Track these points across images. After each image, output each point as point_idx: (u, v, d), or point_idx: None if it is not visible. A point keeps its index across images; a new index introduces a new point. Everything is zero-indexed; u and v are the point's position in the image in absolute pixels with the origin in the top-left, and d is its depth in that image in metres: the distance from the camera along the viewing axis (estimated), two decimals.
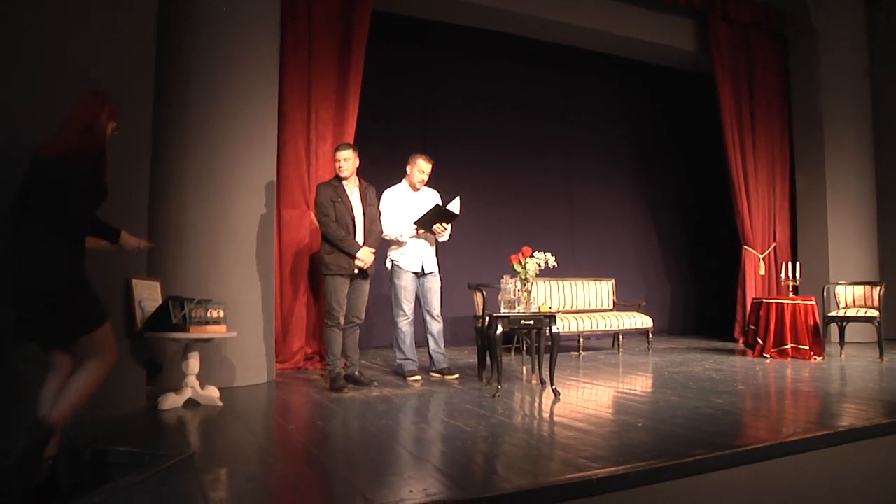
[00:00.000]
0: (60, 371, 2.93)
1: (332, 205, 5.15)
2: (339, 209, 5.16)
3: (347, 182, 5.27)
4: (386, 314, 8.21)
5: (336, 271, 5.12)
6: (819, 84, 8.98)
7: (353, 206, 5.23)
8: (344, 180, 5.25)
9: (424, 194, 5.87)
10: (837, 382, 5.32)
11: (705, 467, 2.85)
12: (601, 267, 9.29)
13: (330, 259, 5.13)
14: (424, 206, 5.68)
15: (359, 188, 5.32)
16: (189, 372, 4.48)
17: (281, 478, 2.87)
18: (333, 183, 5.28)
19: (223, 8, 5.32)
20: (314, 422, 4.11)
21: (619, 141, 10.35)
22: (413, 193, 5.81)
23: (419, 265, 5.72)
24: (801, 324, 6.66)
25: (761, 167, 8.97)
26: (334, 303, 5.13)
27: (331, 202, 5.15)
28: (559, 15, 7.97)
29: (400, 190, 5.82)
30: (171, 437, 3.66)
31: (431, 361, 5.79)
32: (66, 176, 2.85)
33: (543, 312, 4.93)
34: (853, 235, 8.84)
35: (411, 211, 5.67)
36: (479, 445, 3.30)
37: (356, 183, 5.32)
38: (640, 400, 4.64)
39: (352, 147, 5.30)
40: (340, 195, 5.20)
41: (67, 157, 2.87)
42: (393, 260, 5.75)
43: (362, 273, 5.22)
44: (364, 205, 5.30)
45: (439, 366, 5.75)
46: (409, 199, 5.78)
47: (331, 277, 5.14)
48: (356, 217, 5.23)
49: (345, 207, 5.18)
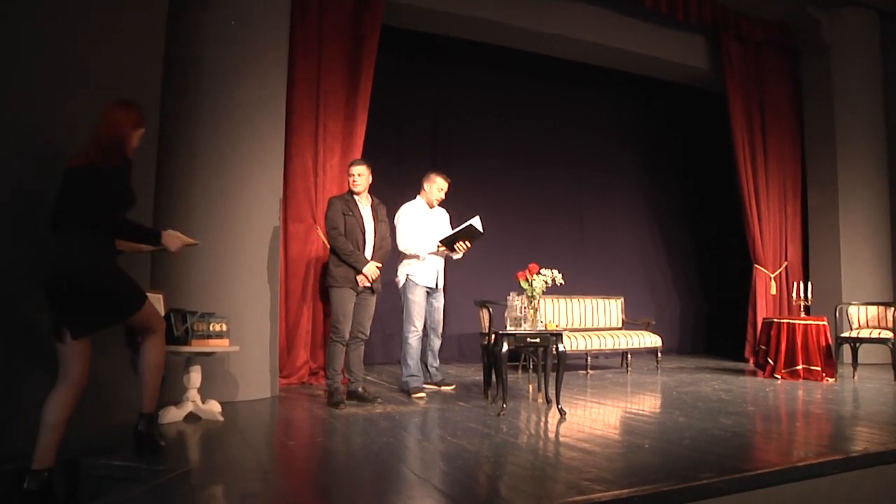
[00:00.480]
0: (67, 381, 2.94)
1: (343, 218, 5.13)
2: (349, 223, 5.14)
3: (360, 197, 5.25)
4: (388, 330, 8.22)
5: (343, 284, 5.08)
6: (832, 101, 8.90)
7: (365, 221, 5.21)
8: (356, 195, 5.24)
9: (438, 213, 5.98)
10: (850, 405, 5.22)
11: (713, 491, 2.77)
12: (610, 284, 9.20)
13: (338, 272, 5.10)
14: (438, 223, 5.87)
15: (371, 204, 5.30)
16: (190, 386, 4.43)
17: (279, 496, 2.82)
18: (346, 197, 5.27)
19: (232, 21, 5.32)
20: (315, 438, 4.05)
21: (629, 157, 10.29)
22: (428, 210, 5.91)
23: (433, 281, 5.79)
24: (812, 344, 6.56)
25: (773, 185, 8.89)
26: (340, 315, 5.09)
27: (342, 216, 5.13)
28: (570, 30, 7.94)
29: (417, 206, 5.89)
30: (169, 451, 3.61)
31: (429, 375, 6.00)
32: (96, 182, 3.06)
33: (550, 330, 4.87)
34: (866, 255, 8.71)
35: (427, 228, 5.77)
36: (482, 465, 3.23)
37: (368, 199, 5.31)
38: (648, 420, 4.56)
39: (366, 163, 5.30)
40: (352, 209, 5.18)
41: (99, 165, 3.08)
42: (408, 274, 5.74)
43: (369, 288, 5.19)
44: (375, 221, 5.27)
45: (436, 379, 6.02)
46: (426, 215, 5.87)
47: (338, 290, 5.10)
48: (367, 232, 5.20)
49: (356, 221, 5.16)
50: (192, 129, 5.24)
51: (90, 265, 3.04)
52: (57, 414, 2.87)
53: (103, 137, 3.17)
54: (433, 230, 5.77)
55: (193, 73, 5.27)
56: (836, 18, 8.88)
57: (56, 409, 2.87)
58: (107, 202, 3.11)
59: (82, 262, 3.01)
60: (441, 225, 5.90)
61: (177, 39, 5.13)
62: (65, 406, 2.90)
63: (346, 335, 5.10)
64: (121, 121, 3.23)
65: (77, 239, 3.03)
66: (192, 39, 5.28)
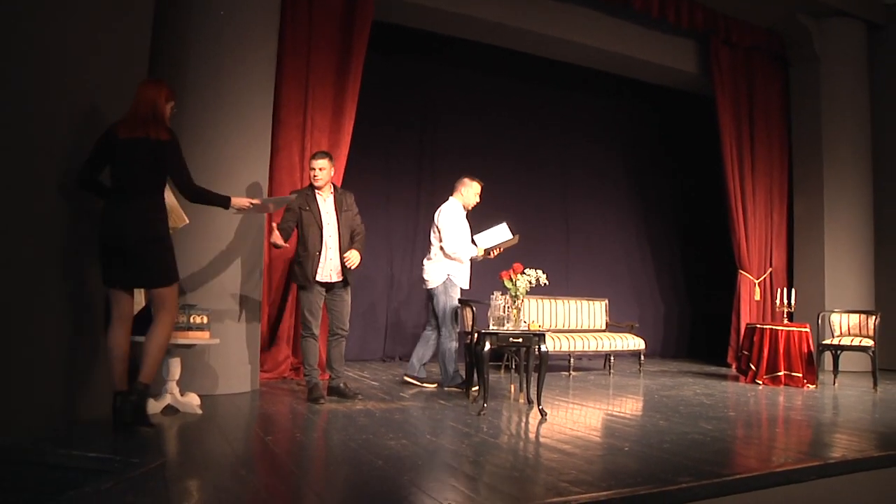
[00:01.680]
0: (123, 320, 3.72)
1: (300, 213, 5.03)
2: (305, 218, 5.04)
3: (321, 191, 5.16)
4: (374, 326, 8.19)
5: (303, 281, 5.03)
6: (820, 110, 8.94)
7: (323, 216, 5.09)
8: (318, 190, 5.14)
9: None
10: (830, 412, 5.24)
11: (691, 495, 2.77)
12: (595, 286, 9.20)
13: (297, 270, 5.06)
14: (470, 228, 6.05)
15: (333, 195, 5.20)
16: (169, 378, 4.37)
17: (252, 491, 2.78)
18: (306, 191, 5.18)
19: (220, 12, 5.27)
20: (294, 434, 4.02)
21: (616, 160, 10.30)
22: (464, 213, 6.04)
23: (468, 282, 5.92)
24: (794, 351, 6.58)
25: (759, 191, 8.92)
26: (306, 311, 5.04)
27: (298, 209, 5.04)
28: (559, 31, 7.92)
29: (458, 209, 6.00)
30: (145, 443, 3.56)
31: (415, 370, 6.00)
32: (149, 152, 3.63)
33: (532, 330, 4.85)
34: (850, 263, 8.77)
35: (468, 232, 5.97)
36: (461, 465, 3.21)
37: (331, 190, 5.20)
38: (628, 423, 4.56)
39: (328, 156, 5.21)
40: (309, 204, 5.08)
41: (148, 137, 3.62)
42: (449, 274, 5.82)
43: (343, 282, 5.13)
44: (338, 212, 5.16)
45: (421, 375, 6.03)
46: (464, 219, 6.02)
47: (300, 287, 5.08)
48: (327, 226, 5.09)
49: (312, 217, 5.05)
50: (177, 119, 5.15)
51: (151, 232, 3.66)
52: (122, 346, 3.68)
53: (143, 112, 3.67)
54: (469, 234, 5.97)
55: (180, 63, 5.21)
56: (825, 28, 8.92)
57: (119, 342, 3.68)
58: (184, 171, 3.77)
59: (143, 227, 3.62)
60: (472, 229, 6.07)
61: (164, 31, 5.07)
62: (126, 338, 3.72)
63: (314, 330, 5.04)
64: (155, 96, 3.74)
65: (139, 209, 3.62)
66: (179, 29, 5.22)
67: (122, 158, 3.61)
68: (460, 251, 5.80)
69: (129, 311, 3.78)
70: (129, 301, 3.78)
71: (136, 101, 3.72)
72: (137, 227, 3.61)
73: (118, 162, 3.63)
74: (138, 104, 3.71)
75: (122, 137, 3.60)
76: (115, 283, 3.71)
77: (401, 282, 8.52)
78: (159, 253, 3.71)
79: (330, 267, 5.07)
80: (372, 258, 7.96)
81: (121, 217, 3.60)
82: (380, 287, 8.39)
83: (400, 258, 8.54)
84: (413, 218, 8.60)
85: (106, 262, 3.66)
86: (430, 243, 5.96)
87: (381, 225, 8.17)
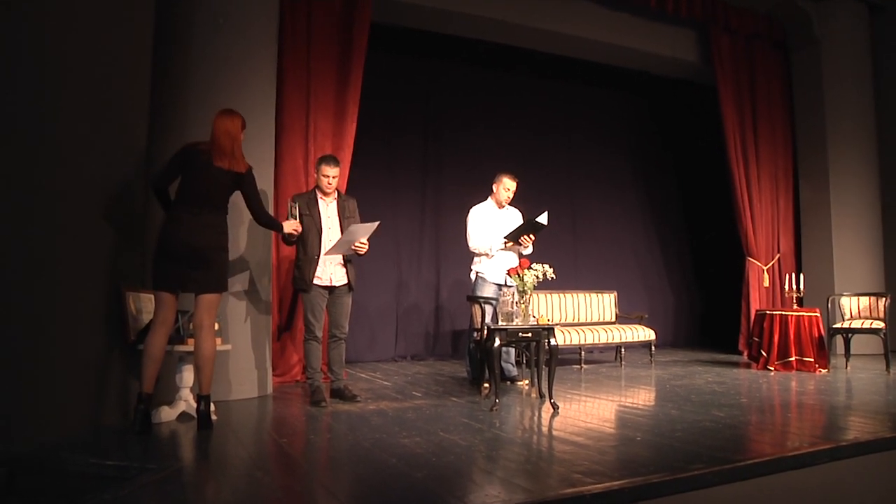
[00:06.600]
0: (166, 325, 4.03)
1: (301, 217, 5.02)
2: (306, 223, 5.02)
3: (325, 197, 5.15)
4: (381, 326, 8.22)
5: (302, 285, 5.04)
6: (822, 94, 8.91)
7: (323, 221, 5.08)
8: (324, 196, 5.14)
9: (508, 212, 6.17)
10: (843, 395, 5.24)
11: (704, 482, 2.78)
12: (603, 279, 9.21)
13: (297, 273, 5.08)
14: (509, 223, 6.01)
15: (336, 202, 5.20)
16: (183, 385, 4.42)
17: (268, 492, 2.81)
18: (308, 195, 5.17)
19: (220, 19, 5.29)
20: (307, 436, 4.05)
21: (621, 152, 10.30)
22: (498, 211, 6.11)
23: (503, 278, 5.83)
24: (805, 336, 6.58)
25: (764, 178, 8.90)
26: (309, 314, 5.06)
27: (299, 215, 5.02)
28: (560, 26, 7.92)
29: (486, 208, 6.09)
30: (161, 450, 3.60)
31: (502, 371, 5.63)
32: (230, 179, 4.17)
33: (542, 325, 4.87)
34: (858, 246, 8.74)
35: (497, 228, 5.97)
36: (474, 460, 3.23)
37: (335, 196, 5.20)
38: (641, 413, 4.57)
39: (339, 163, 5.23)
40: (311, 208, 5.07)
41: (232, 169, 4.14)
42: (477, 272, 5.89)
43: (346, 287, 5.14)
44: (341, 218, 5.16)
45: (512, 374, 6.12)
46: (496, 216, 6.07)
47: (302, 291, 5.10)
48: (328, 231, 5.08)
49: (312, 222, 5.04)
50: (181, 124, 5.19)
51: (223, 241, 4.14)
52: (160, 349, 3.97)
53: (225, 145, 4.12)
54: (503, 229, 5.92)
55: (181, 70, 5.23)
56: (825, 10, 8.89)
57: (160, 345, 3.97)
58: (259, 199, 4.40)
59: (217, 237, 4.10)
60: (513, 223, 6.01)
61: (165, 37, 5.12)
62: (164, 342, 4.02)
63: (317, 333, 5.06)
64: (232, 129, 4.17)
65: (213, 222, 4.09)
66: (180, 36, 5.25)
67: (206, 180, 4.05)
68: (478, 246, 5.89)
69: (172, 316, 4.09)
70: (174, 307, 4.08)
71: (216, 132, 4.12)
72: (213, 237, 4.08)
73: (201, 181, 4.05)
74: (220, 135, 4.11)
75: (212, 163, 4.06)
76: (172, 287, 4.02)
77: (408, 283, 8.54)
78: (224, 261, 4.18)
79: (329, 271, 5.08)
80: (380, 260, 7.99)
81: (199, 227, 4.02)
82: (389, 288, 8.42)
83: (407, 260, 8.56)
84: (419, 217, 8.62)
85: (165, 268, 3.99)
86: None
87: (388, 226, 8.17)
